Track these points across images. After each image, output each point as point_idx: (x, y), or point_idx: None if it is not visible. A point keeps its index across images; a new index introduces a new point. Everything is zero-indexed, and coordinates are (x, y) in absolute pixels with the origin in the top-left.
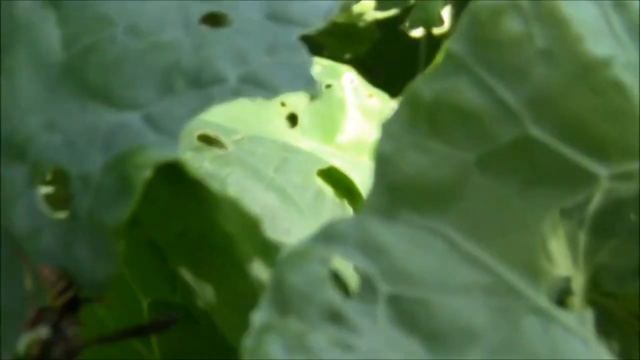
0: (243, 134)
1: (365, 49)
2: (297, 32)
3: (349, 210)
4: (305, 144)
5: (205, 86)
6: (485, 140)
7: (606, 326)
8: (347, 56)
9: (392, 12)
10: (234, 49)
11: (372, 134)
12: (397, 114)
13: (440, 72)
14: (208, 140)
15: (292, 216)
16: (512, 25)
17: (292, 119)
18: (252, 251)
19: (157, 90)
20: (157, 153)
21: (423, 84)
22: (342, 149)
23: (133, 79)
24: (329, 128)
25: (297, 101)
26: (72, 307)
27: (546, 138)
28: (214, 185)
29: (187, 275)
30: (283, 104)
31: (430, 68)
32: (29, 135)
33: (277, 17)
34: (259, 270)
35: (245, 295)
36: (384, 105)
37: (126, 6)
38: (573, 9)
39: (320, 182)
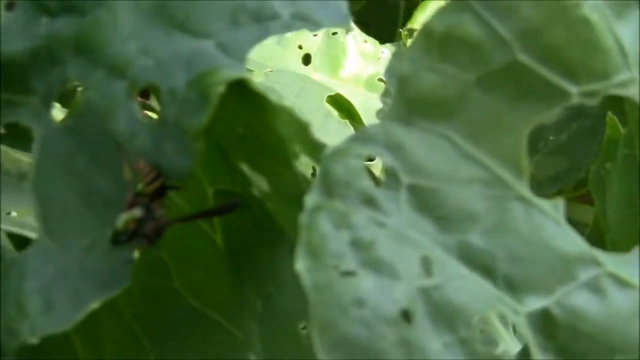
0: (271, 68)
1: (360, 7)
2: None
3: (351, 128)
4: (317, 77)
5: (264, 21)
6: (483, 64)
7: None
8: None
9: None
10: None
11: (367, 70)
12: (414, 43)
13: (449, 10)
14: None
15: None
16: None
17: (307, 58)
18: (300, 150)
19: (226, 23)
20: (228, 72)
21: (435, 20)
22: (344, 82)
23: (207, 15)
24: (334, 65)
25: (310, 45)
26: (160, 193)
27: (530, 63)
28: (273, 97)
29: (245, 169)
30: (300, 47)
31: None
32: (128, 58)
33: None
34: (303, 167)
35: (292, 186)
36: (375, 49)
37: None
38: None
39: (328, 106)
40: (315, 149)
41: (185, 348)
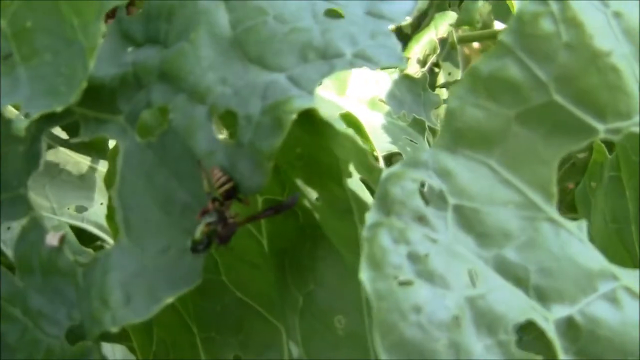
0: None
1: None
2: (389, 25)
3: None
4: (329, 96)
5: (330, 58)
6: (522, 103)
7: None
8: None
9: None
10: (347, 34)
11: (368, 92)
12: (461, 82)
13: (494, 55)
14: None
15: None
16: (546, 25)
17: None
18: (357, 171)
19: (296, 59)
20: (300, 102)
21: (481, 63)
22: (350, 100)
23: (280, 51)
24: (341, 87)
25: None
26: (230, 195)
27: (564, 103)
28: (338, 125)
29: (299, 183)
30: None
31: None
32: (208, 86)
33: (374, 14)
34: (353, 185)
35: (341, 201)
36: (375, 73)
37: (274, 2)
38: (587, 15)
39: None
40: (372, 171)
41: (229, 334)
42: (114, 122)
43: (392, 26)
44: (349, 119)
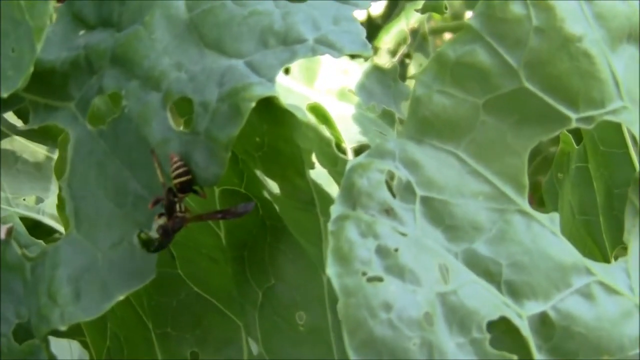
0: None
1: None
2: (352, 9)
3: (328, 133)
4: (296, 87)
5: (290, 44)
6: (491, 90)
7: None
8: None
9: None
10: (310, 18)
11: (338, 82)
12: (427, 68)
13: (461, 40)
14: None
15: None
16: (516, 8)
17: (287, 69)
18: (321, 161)
19: (255, 44)
20: (259, 90)
21: (448, 48)
22: (318, 92)
23: (238, 36)
24: (310, 77)
25: None
26: (186, 188)
27: (535, 90)
28: (299, 114)
29: (258, 174)
30: None
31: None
32: (162, 71)
33: None
34: (315, 176)
35: (303, 192)
36: (345, 63)
37: None
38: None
39: (308, 113)
40: (335, 162)
41: (186, 330)
42: (64, 109)
43: (354, 10)
44: (317, 110)
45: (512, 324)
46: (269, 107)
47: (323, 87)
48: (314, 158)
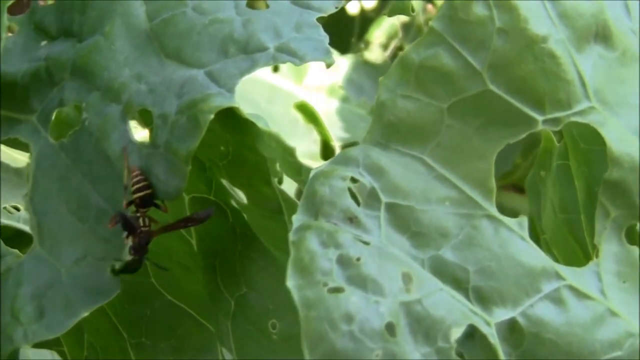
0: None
1: (322, 22)
2: (315, 15)
3: (315, 132)
4: (284, 85)
5: (251, 52)
6: (456, 93)
7: None
8: None
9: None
10: (271, 26)
11: (327, 79)
12: (391, 72)
13: (425, 42)
14: None
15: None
16: (479, 9)
17: (275, 67)
18: (284, 170)
19: (216, 54)
20: (218, 101)
21: (411, 52)
22: (307, 89)
23: (199, 45)
24: (299, 74)
25: None
26: (146, 202)
27: (500, 92)
28: (261, 124)
29: (225, 182)
30: None
31: (418, 41)
32: (122, 83)
33: (300, 4)
34: (283, 185)
35: (270, 201)
36: (336, 59)
37: None
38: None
39: (295, 112)
40: (299, 170)
41: (161, 339)
42: (26, 122)
43: (318, 16)
44: (304, 109)
45: (481, 331)
46: (232, 116)
47: (312, 84)
48: (278, 167)
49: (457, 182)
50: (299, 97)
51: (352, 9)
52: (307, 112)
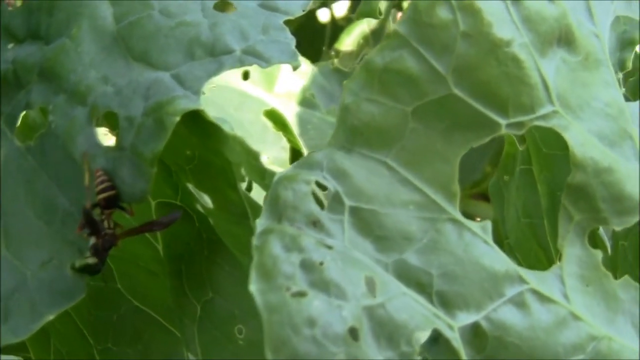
0: (214, 83)
1: (293, 27)
2: (282, 18)
3: (284, 139)
4: (254, 92)
5: (218, 55)
6: (420, 97)
7: None
8: None
9: (314, 4)
10: (237, 28)
11: (298, 86)
12: (356, 76)
13: (389, 46)
14: None
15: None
16: (442, 13)
17: (245, 74)
18: (248, 175)
19: (182, 56)
20: (184, 103)
21: (376, 55)
22: (278, 96)
23: (165, 48)
24: (269, 81)
25: None
26: (111, 204)
27: (464, 96)
28: (226, 127)
29: (190, 187)
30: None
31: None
32: (89, 85)
33: (268, 6)
34: (248, 189)
35: (236, 205)
36: (307, 67)
37: None
38: (485, 3)
39: (264, 119)
40: (263, 175)
41: (127, 345)
42: None
43: (284, 19)
44: (274, 116)
45: (444, 335)
46: (197, 119)
47: (283, 91)
48: (243, 171)
49: (421, 186)
50: (269, 105)
51: (323, 17)
52: (277, 120)
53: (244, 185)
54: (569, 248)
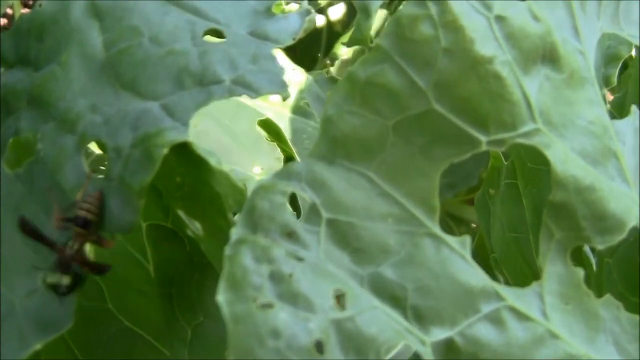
0: None
1: None
2: (272, 47)
3: (278, 150)
4: (249, 101)
5: (207, 85)
6: (400, 111)
7: None
8: None
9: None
10: (227, 58)
11: (293, 95)
12: (339, 87)
13: (371, 60)
14: None
15: (240, 152)
16: (425, 29)
17: None
18: (235, 207)
19: (171, 86)
20: (172, 135)
21: (358, 68)
22: (273, 105)
23: (154, 76)
24: None
25: None
26: (85, 224)
27: (444, 112)
28: (212, 161)
29: (181, 213)
30: None
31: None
32: (78, 114)
33: (258, 35)
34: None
35: (224, 231)
36: (302, 76)
37: (150, 21)
38: (467, 19)
39: (259, 129)
40: None
41: None
42: None
43: (274, 47)
44: (269, 126)
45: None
46: (186, 151)
47: (278, 100)
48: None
49: (400, 200)
50: (263, 114)
51: (319, 21)
52: (271, 129)
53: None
54: (549, 266)
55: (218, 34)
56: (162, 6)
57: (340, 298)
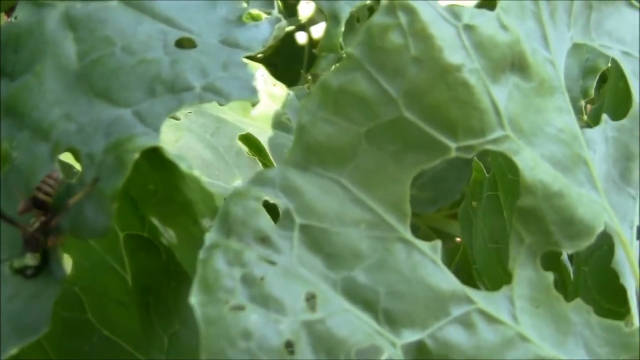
0: (190, 109)
1: (270, 52)
2: (243, 54)
3: (259, 164)
4: (230, 116)
5: (178, 92)
6: (372, 119)
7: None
8: (259, 56)
9: (289, 28)
10: (198, 65)
11: (274, 110)
12: (312, 96)
13: (343, 68)
14: None
15: (221, 167)
16: (395, 38)
17: None
18: (206, 213)
19: (144, 93)
20: (143, 140)
21: (331, 77)
22: (254, 120)
23: (127, 85)
24: (245, 105)
25: None
26: (41, 205)
27: (415, 119)
28: (183, 165)
29: (155, 221)
30: None
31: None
32: (52, 122)
33: (229, 42)
34: (208, 223)
35: (198, 238)
36: (283, 91)
37: (123, 32)
38: (436, 28)
39: (240, 144)
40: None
41: None
42: None
43: (245, 55)
44: (250, 141)
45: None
46: (158, 156)
47: (259, 116)
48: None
49: (372, 205)
50: (244, 129)
51: (301, 39)
52: (252, 144)
53: (206, 221)
54: (520, 270)
55: (190, 42)
56: (135, 17)
57: (311, 300)
